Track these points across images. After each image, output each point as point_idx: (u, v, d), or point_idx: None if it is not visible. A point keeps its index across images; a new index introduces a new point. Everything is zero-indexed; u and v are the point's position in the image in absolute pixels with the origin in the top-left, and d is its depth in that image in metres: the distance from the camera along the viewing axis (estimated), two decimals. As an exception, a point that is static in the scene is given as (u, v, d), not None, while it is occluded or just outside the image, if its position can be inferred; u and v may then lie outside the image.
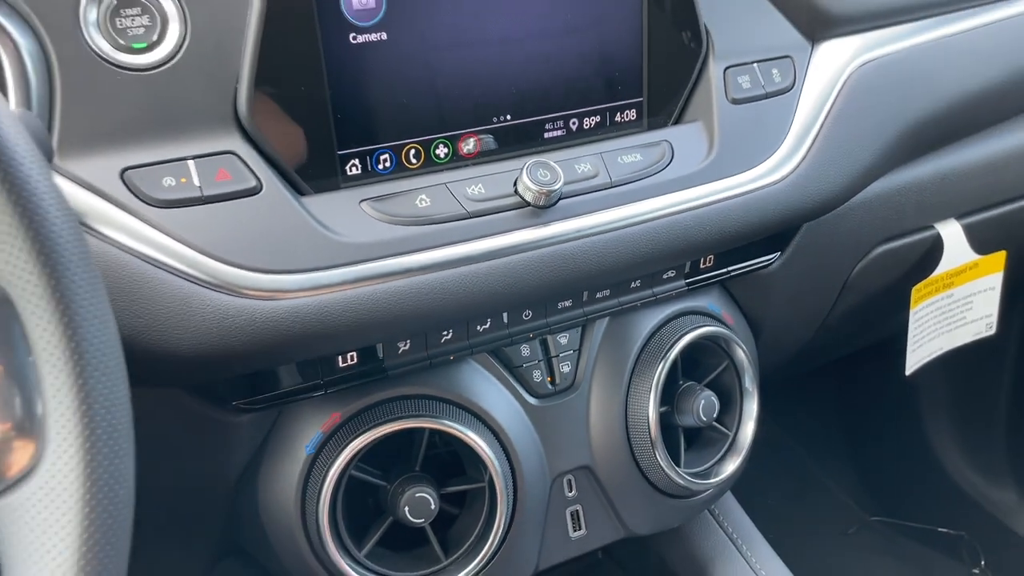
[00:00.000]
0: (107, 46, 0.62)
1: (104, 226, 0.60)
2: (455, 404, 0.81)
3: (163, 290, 0.61)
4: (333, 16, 0.65)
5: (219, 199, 0.63)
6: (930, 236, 1.04)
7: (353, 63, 0.67)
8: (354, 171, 0.70)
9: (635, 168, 0.78)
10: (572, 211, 0.74)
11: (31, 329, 0.40)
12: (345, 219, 0.67)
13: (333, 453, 0.75)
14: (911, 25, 0.94)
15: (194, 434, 0.73)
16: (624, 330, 0.90)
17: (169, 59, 0.63)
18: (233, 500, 0.81)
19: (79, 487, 0.40)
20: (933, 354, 1.11)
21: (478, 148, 0.74)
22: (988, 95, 0.98)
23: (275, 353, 0.67)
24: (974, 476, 1.63)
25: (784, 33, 0.88)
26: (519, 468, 0.84)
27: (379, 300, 0.67)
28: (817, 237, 0.93)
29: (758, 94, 0.84)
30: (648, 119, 0.81)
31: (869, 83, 0.88)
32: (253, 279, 0.63)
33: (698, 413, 0.89)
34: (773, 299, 0.98)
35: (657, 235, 0.77)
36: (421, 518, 0.77)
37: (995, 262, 1.09)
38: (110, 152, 0.61)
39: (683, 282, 0.89)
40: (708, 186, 0.79)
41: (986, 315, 1.12)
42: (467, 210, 0.71)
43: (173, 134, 0.63)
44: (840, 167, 0.86)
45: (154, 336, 0.61)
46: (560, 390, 0.89)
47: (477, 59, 0.72)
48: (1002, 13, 0.99)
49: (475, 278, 0.70)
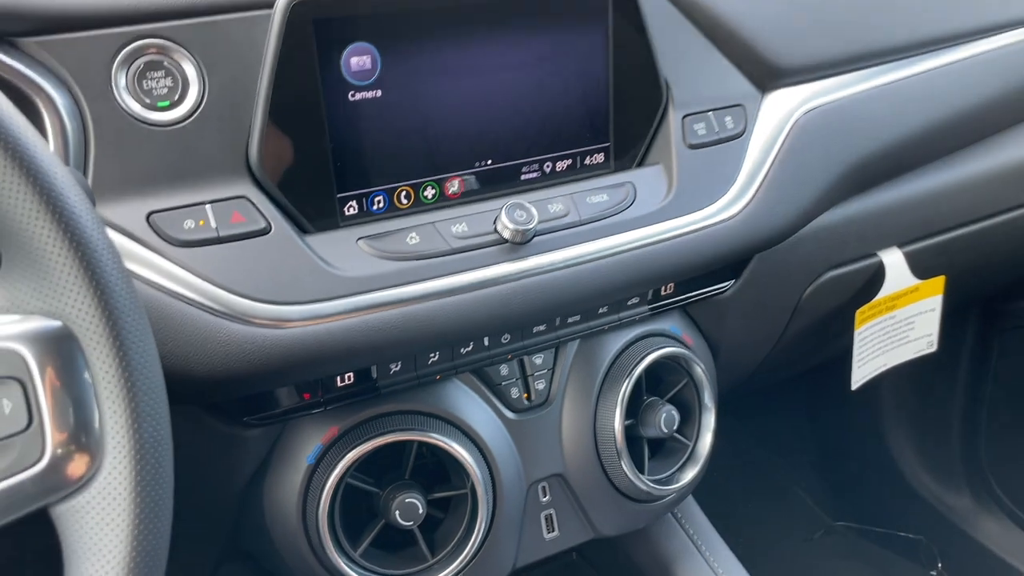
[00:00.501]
0: (135, 105, 0.66)
1: (133, 264, 0.64)
2: (441, 419, 0.83)
3: (185, 320, 0.64)
4: (334, 77, 0.68)
5: (233, 239, 0.66)
6: (874, 263, 1.06)
7: (351, 117, 0.70)
8: (352, 211, 0.73)
9: (602, 207, 0.81)
10: (546, 247, 0.77)
11: (92, 361, 0.46)
12: (344, 255, 0.71)
13: (332, 463, 0.78)
14: (853, 75, 0.96)
15: (208, 446, 0.76)
16: (593, 351, 0.92)
17: (189, 115, 0.67)
18: (239, 506, 0.83)
19: (132, 491, 0.46)
20: (878, 370, 1.13)
21: (462, 189, 0.77)
22: (923, 137, 1.00)
23: (281, 375, 0.70)
24: (932, 483, 1.66)
25: (737, 84, 0.90)
26: (498, 476, 0.86)
27: (374, 327, 0.70)
28: (768, 266, 0.95)
29: (712, 139, 0.87)
30: (614, 162, 0.84)
31: (813, 128, 0.91)
32: (263, 309, 0.66)
33: (660, 425, 0.91)
34: (730, 322, 1.00)
35: (622, 267, 0.80)
36: (410, 521, 0.79)
37: (935, 286, 1.11)
38: (137, 198, 0.65)
39: (646, 307, 0.91)
40: (668, 223, 0.82)
41: (927, 334, 1.14)
42: (452, 246, 0.74)
43: (192, 181, 0.67)
44: (786, 205, 0.89)
45: (178, 361, 0.64)
46: (535, 405, 0.91)
47: (461, 111, 0.75)
48: (932, 63, 1.02)
49: (459, 307, 0.73)
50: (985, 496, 1.61)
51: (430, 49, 0.72)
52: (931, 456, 1.67)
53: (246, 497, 0.83)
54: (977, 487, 1.62)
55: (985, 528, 1.59)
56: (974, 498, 1.63)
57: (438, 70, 0.73)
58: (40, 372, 0.45)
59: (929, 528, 1.64)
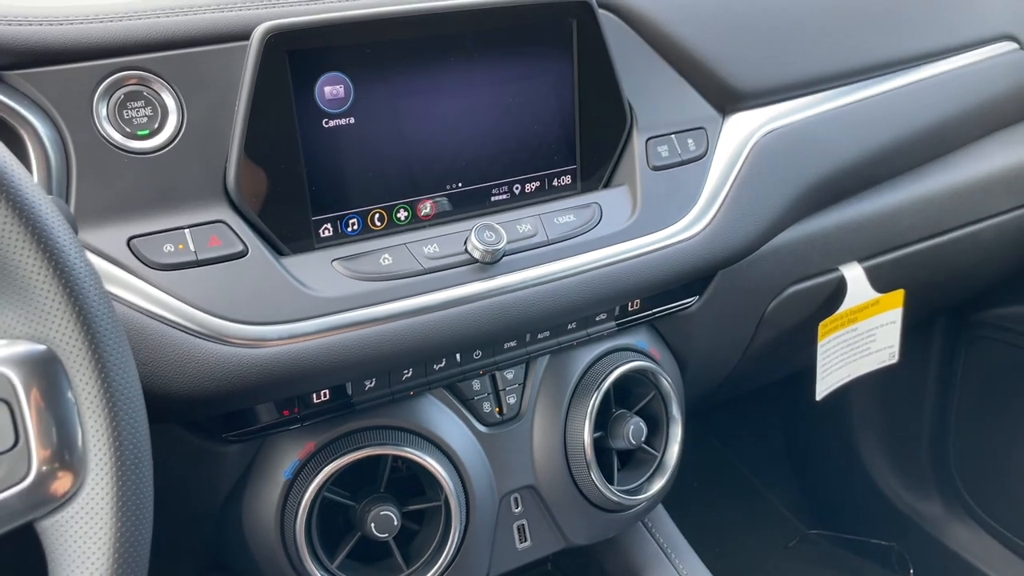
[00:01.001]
0: (116, 134, 0.67)
1: (115, 287, 0.65)
2: (415, 433, 0.84)
3: (165, 341, 0.65)
4: (308, 105, 0.70)
5: (211, 262, 0.67)
6: (835, 277, 1.07)
7: (325, 143, 0.71)
8: (327, 234, 0.74)
9: (569, 227, 0.82)
10: (515, 266, 0.78)
11: (76, 383, 0.48)
12: (319, 276, 0.71)
13: (308, 477, 0.78)
14: (809, 98, 0.98)
15: (188, 463, 0.76)
16: (563, 366, 0.93)
17: (168, 143, 0.68)
18: (219, 520, 0.84)
19: (114, 506, 0.48)
20: (841, 381, 1.15)
21: (434, 211, 0.78)
22: (880, 157, 1.02)
23: (259, 393, 0.71)
24: (902, 490, 1.67)
25: (698, 107, 0.92)
26: (471, 488, 0.87)
27: (348, 346, 0.71)
28: (732, 281, 0.97)
29: (675, 161, 0.88)
30: (581, 183, 0.85)
31: (772, 150, 0.93)
32: (241, 330, 0.67)
33: (628, 437, 0.92)
34: (695, 336, 1.01)
35: (589, 285, 0.81)
36: (385, 533, 0.80)
37: (894, 299, 1.13)
38: (118, 223, 0.66)
39: (614, 323, 0.92)
40: (632, 242, 0.84)
41: (888, 346, 1.16)
42: (424, 267, 0.75)
43: (172, 207, 0.68)
44: (746, 223, 0.90)
45: (158, 380, 0.65)
46: (507, 419, 0.92)
47: (432, 135, 0.76)
48: (889, 85, 1.04)
49: (431, 325, 0.74)
50: (954, 502, 1.62)
51: (401, 78, 0.74)
52: (901, 463, 1.68)
53: (225, 511, 0.83)
54: (947, 493, 1.63)
55: (955, 534, 1.60)
56: (944, 504, 1.64)
57: (409, 97, 0.75)
58: (26, 393, 0.47)
59: (900, 535, 1.65)
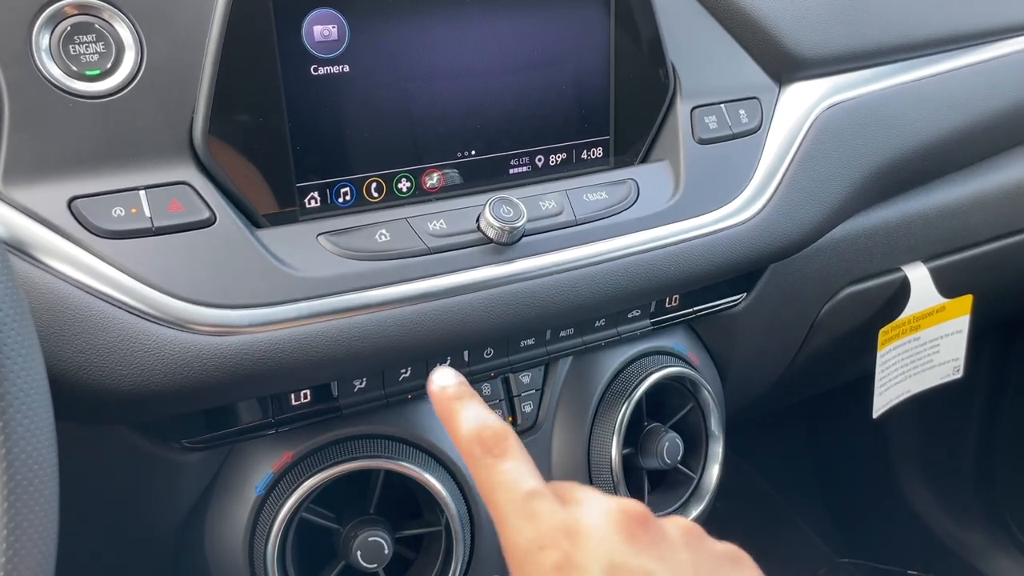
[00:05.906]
0: (59, 72, 0.61)
1: (48, 256, 0.59)
2: (412, 444, 0.80)
3: (106, 324, 0.59)
4: (294, 47, 0.65)
5: (170, 231, 0.62)
6: (897, 278, 1.05)
7: (314, 95, 0.67)
8: (313, 204, 0.69)
9: (600, 206, 0.78)
10: (535, 248, 0.74)
11: None
12: (301, 253, 0.67)
13: (284, 494, 0.74)
14: (878, 69, 0.96)
15: (139, 473, 0.72)
16: (588, 370, 0.89)
17: (123, 87, 0.63)
18: (178, 542, 0.79)
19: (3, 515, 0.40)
20: (900, 397, 1.11)
21: (442, 183, 0.74)
22: (953, 141, 1.00)
23: (224, 391, 0.66)
24: (943, 517, 1.63)
25: (751, 74, 0.89)
26: (476, 511, 0.82)
27: (334, 337, 0.66)
28: (784, 278, 0.94)
29: (725, 135, 0.85)
30: (615, 157, 0.82)
31: (836, 126, 0.90)
32: (201, 314, 0.62)
33: (662, 455, 0.88)
34: (740, 340, 0.98)
35: (621, 274, 0.78)
36: (374, 563, 0.75)
37: (962, 305, 1.10)
38: (58, 181, 0.61)
39: (648, 321, 0.89)
40: (673, 226, 0.80)
41: (953, 358, 1.13)
42: (428, 245, 0.71)
43: (125, 163, 0.63)
44: (806, 209, 0.87)
45: (95, 372, 0.59)
46: (522, 431, 0.88)
47: (442, 93, 0.72)
48: (967, 59, 1.02)
49: (434, 315, 0.70)
50: (1000, 533, 1.60)
51: (407, 20, 0.69)
52: (942, 489, 1.65)
53: (186, 531, 0.78)
54: (991, 522, 1.61)
55: (999, 567, 1.57)
56: (988, 533, 1.61)
57: (416, 44, 0.70)
58: None
59: (939, 566, 1.62)
